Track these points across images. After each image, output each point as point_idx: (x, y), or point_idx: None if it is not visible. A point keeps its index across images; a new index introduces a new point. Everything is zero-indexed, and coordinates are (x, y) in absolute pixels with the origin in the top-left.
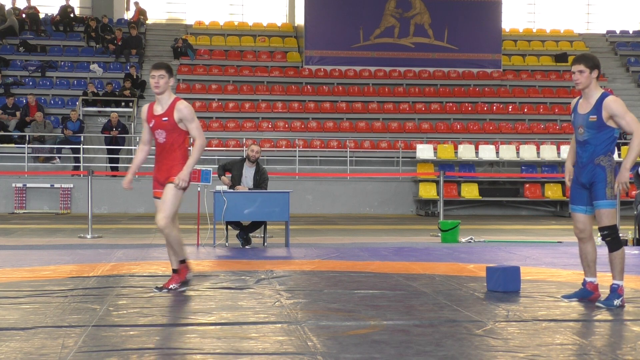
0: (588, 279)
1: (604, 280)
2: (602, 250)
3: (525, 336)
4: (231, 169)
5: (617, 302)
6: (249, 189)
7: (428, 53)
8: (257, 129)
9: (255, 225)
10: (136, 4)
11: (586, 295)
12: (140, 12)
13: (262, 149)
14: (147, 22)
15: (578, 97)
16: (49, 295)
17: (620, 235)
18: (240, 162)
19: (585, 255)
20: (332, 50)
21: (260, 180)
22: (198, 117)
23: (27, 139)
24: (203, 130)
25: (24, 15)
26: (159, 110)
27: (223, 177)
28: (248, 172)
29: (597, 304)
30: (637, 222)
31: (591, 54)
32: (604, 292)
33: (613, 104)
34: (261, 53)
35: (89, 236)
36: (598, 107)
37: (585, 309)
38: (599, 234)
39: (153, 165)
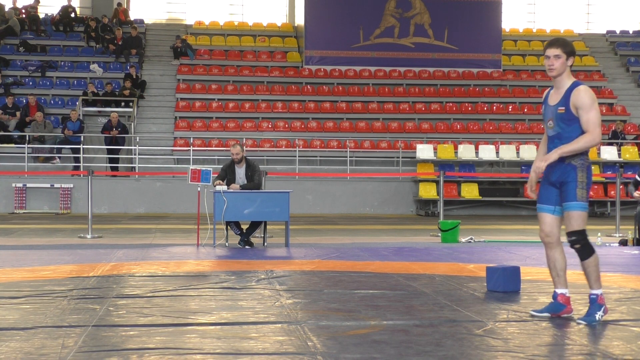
0: (559, 291)
1: (604, 280)
2: (609, 251)
3: (525, 336)
4: (226, 175)
5: (599, 314)
6: (240, 186)
7: (428, 53)
8: (257, 129)
9: (255, 225)
10: (119, 5)
11: (558, 309)
12: (124, 13)
13: (262, 149)
14: (129, 19)
15: (550, 88)
16: (49, 295)
17: (620, 235)
18: (231, 164)
19: (553, 263)
20: (332, 50)
21: (252, 175)
22: (198, 117)
23: (27, 139)
24: (203, 130)
25: (24, 15)
26: None
27: (217, 181)
28: (240, 173)
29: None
30: (637, 222)
31: (566, 39)
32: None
33: (582, 93)
34: (261, 53)
35: (89, 236)
36: (567, 97)
37: (585, 309)
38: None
39: (151, 166)
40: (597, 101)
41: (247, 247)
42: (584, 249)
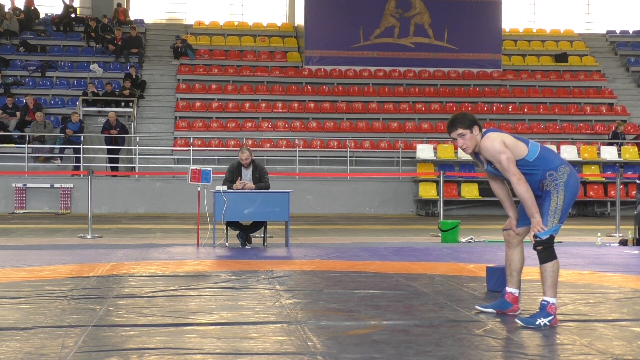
0: (508, 289)
1: (604, 280)
2: (597, 251)
3: (525, 336)
4: (232, 177)
5: (541, 321)
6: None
7: (428, 53)
8: (257, 129)
9: (256, 225)
10: (119, 5)
11: (504, 307)
12: (124, 13)
13: (262, 149)
14: (129, 19)
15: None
16: (49, 295)
17: (620, 235)
18: (238, 165)
19: (509, 262)
20: (332, 50)
21: (260, 177)
22: (198, 117)
23: (27, 139)
24: (203, 130)
25: (23, 15)
26: None
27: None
28: (247, 174)
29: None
30: (637, 222)
31: (463, 112)
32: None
33: (483, 145)
34: (261, 53)
35: (89, 236)
36: (484, 155)
37: (585, 309)
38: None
39: (151, 166)
40: (504, 138)
41: (246, 243)
42: (545, 252)
